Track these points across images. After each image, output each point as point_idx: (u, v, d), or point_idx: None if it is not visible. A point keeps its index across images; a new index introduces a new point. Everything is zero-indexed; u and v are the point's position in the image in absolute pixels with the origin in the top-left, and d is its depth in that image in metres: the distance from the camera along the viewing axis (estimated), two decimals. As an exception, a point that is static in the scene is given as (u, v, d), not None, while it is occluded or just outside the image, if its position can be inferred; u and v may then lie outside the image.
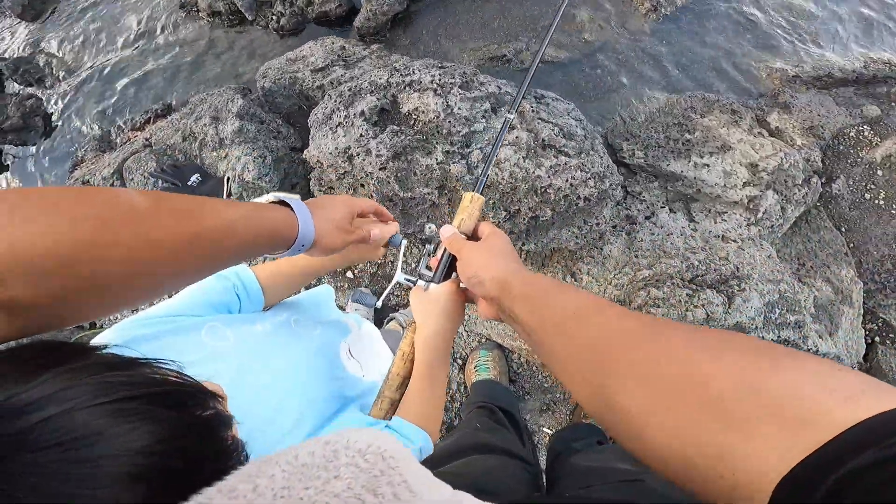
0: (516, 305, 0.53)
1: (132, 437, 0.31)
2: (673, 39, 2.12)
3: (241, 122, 1.78)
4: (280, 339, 0.73)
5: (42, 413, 0.29)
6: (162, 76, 2.32)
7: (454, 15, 2.15)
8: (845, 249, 1.92)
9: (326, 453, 0.28)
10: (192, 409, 0.36)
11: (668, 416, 0.31)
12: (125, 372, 0.34)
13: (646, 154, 1.81)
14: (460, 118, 1.51)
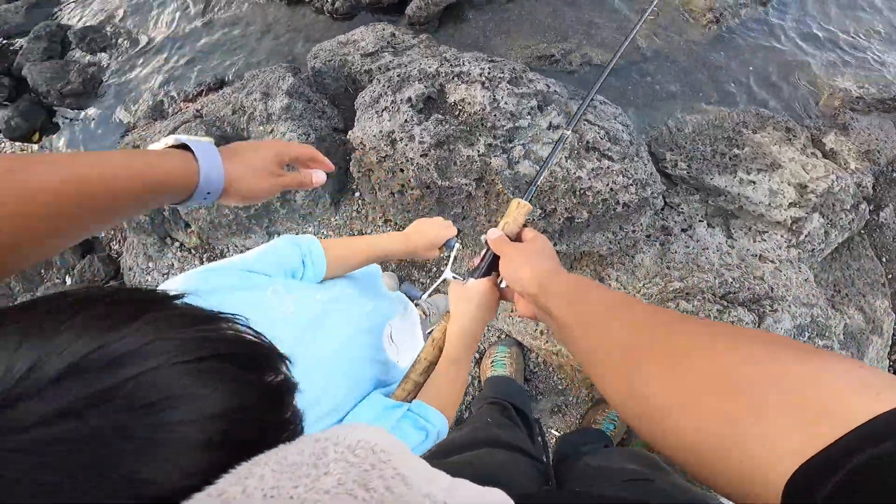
0: (552, 301, 0.55)
1: (211, 401, 0.30)
2: (732, 52, 2.07)
3: (289, 99, 1.82)
4: (335, 314, 0.74)
5: (131, 370, 0.28)
6: (218, 51, 2.39)
7: (506, 11, 2.14)
8: (883, 280, 1.85)
9: (316, 451, 0.27)
10: (266, 373, 0.35)
11: (691, 405, 0.32)
12: (207, 327, 0.34)
13: (689, 166, 1.78)
14: (506, 113, 1.52)
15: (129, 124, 2.34)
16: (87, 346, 0.28)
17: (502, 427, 1.29)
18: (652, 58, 2.00)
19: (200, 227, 1.98)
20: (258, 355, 0.35)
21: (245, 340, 0.35)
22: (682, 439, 0.32)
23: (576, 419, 1.77)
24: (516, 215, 0.73)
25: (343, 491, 0.25)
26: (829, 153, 1.85)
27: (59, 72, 2.41)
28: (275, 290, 0.67)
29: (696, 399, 0.32)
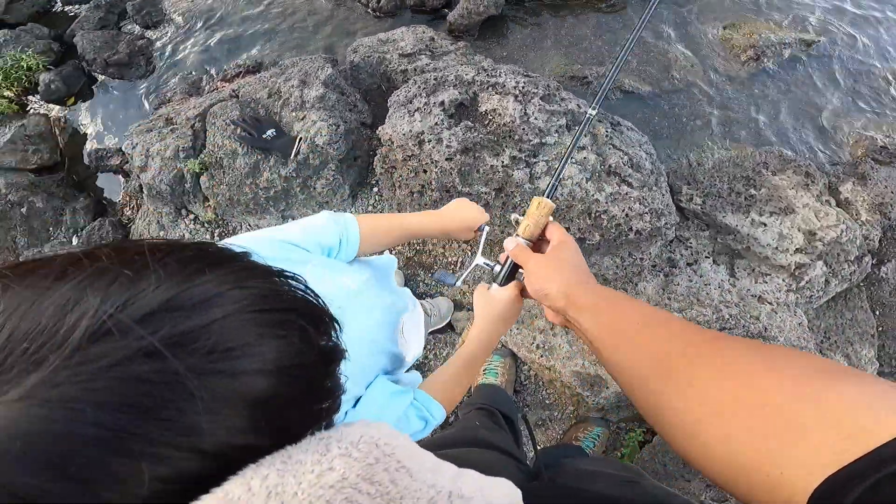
0: (582, 316, 0.55)
1: (273, 355, 0.30)
2: (765, 91, 2.09)
3: (325, 89, 1.87)
4: (361, 301, 0.75)
5: (212, 313, 0.29)
6: (261, 37, 2.45)
7: (545, 28, 2.19)
8: (873, 331, 1.89)
9: (319, 448, 0.28)
10: (322, 334, 0.36)
11: (724, 422, 0.33)
12: (280, 280, 0.34)
13: (704, 202, 1.82)
14: (535, 128, 1.56)
15: (165, 97, 2.40)
16: (173, 289, 0.29)
17: (490, 430, 1.31)
18: (684, 89, 2.03)
19: (218, 202, 2.02)
20: (319, 315, 0.36)
21: (308, 299, 0.36)
22: (714, 452, 0.33)
23: (558, 434, 1.80)
24: (537, 216, 0.69)
25: (347, 485, 0.25)
26: (844, 202, 1.89)
27: (108, 41, 2.47)
28: (313, 267, 0.69)
29: (731, 415, 0.33)
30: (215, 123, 1.92)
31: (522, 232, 0.69)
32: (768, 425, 0.30)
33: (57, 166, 2.38)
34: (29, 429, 0.24)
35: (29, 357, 0.25)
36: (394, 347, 0.81)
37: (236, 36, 2.48)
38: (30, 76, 2.49)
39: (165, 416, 0.27)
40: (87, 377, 0.25)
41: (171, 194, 2.04)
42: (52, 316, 0.26)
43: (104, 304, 0.27)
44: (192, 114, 2.00)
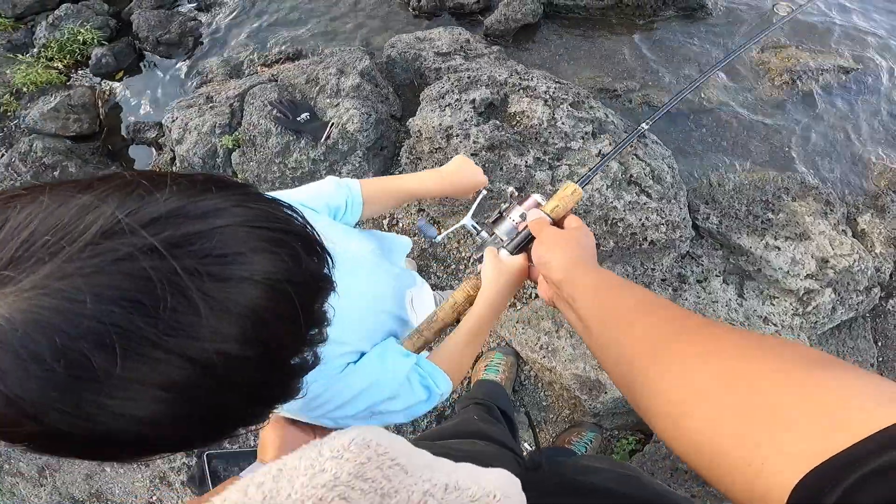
0: (577, 293, 0.54)
1: (271, 264, 0.33)
2: (795, 116, 2.09)
3: (361, 79, 1.94)
4: (367, 265, 0.78)
5: (213, 221, 0.32)
6: (304, 25, 2.54)
7: (579, 40, 2.25)
8: (873, 361, 1.89)
9: (311, 454, 0.29)
10: (315, 260, 0.39)
11: (712, 404, 0.32)
12: (278, 207, 0.38)
13: (720, 222, 1.85)
14: (561, 132, 1.61)
15: (207, 78, 2.50)
16: (181, 200, 0.32)
17: (486, 422, 1.33)
18: (713, 108, 2.05)
19: (246, 179, 2.09)
20: (312, 242, 0.39)
21: (304, 227, 0.40)
22: (697, 436, 0.32)
23: (551, 436, 1.80)
24: (567, 201, 0.70)
25: (340, 483, 0.26)
26: (860, 233, 1.90)
27: (162, 21, 2.58)
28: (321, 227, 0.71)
29: (716, 399, 0.32)
30: (253, 103, 2.00)
31: (549, 210, 0.71)
32: (754, 412, 0.29)
33: (94, 136, 2.48)
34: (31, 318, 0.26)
35: (48, 249, 0.27)
36: (402, 312, 0.81)
37: (281, 23, 2.57)
38: (83, 50, 2.60)
39: (158, 314, 0.28)
40: (93, 269, 0.28)
41: (202, 167, 2.12)
42: (73, 216, 0.29)
43: (119, 209, 0.30)
44: (232, 93, 2.08)
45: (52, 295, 0.27)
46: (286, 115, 1.95)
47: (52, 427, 0.28)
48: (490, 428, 1.24)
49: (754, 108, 2.09)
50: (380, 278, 0.80)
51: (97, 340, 0.27)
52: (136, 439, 0.31)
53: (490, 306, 0.73)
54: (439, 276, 2.04)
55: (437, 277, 2.04)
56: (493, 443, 1.06)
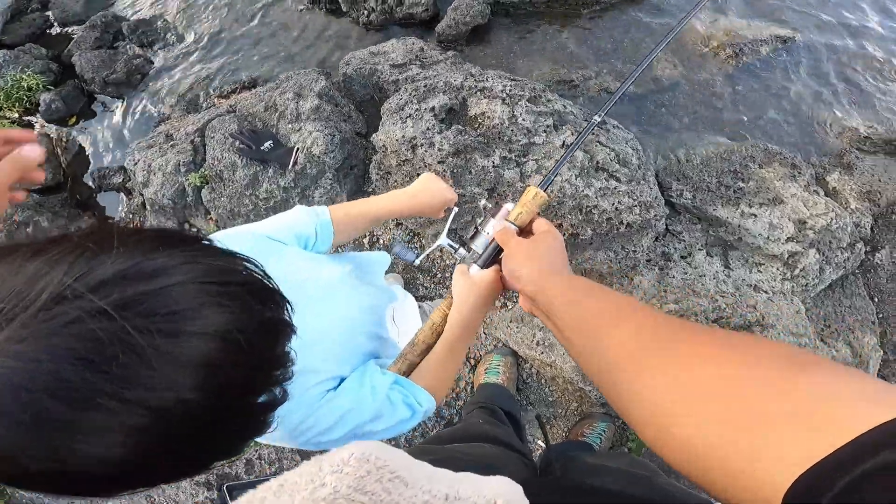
0: (551, 304, 0.54)
1: (221, 318, 0.35)
2: (747, 87, 2.14)
3: (319, 101, 1.93)
4: (342, 289, 0.78)
5: (160, 281, 0.34)
6: (256, 53, 2.53)
7: (531, 36, 2.26)
8: (873, 318, 1.89)
9: (311, 469, 0.29)
10: (272, 309, 0.40)
11: (697, 413, 0.32)
12: (229, 260, 0.39)
13: (694, 196, 1.86)
14: (522, 129, 1.61)
15: (164, 115, 2.47)
16: (128, 261, 0.34)
17: (491, 425, 1.32)
18: (669, 88, 2.08)
19: (219, 215, 2.06)
20: (265, 291, 0.41)
21: (256, 277, 0.41)
22: (686, 445, 0.32)
23: (563, 431, 1.79)
24: (531, 206, 0.69)
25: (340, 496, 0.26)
26: (832, 191, 1.92)
27: (106, 61, 2.54)
28: (290, 259, 0.72)
29: (702, 406, 0.32)
30: (214, 137, 1.98)
31: (514, 217, 0.70)
32: (740, 417, 0.29)
33: (60, 186, 2.44)
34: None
35: (4, 315, 0.30)
36: (380, 331, 0.82)
37: (231, 53, 2.56)
38: (31, 96, 2.54)
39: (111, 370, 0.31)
40: (46, 332, 0.30)
41: (173, 208, 2.09)
42: (25, 283, 0.31)
43: (67, 274, 0.32)
44: (192, 129, 2.06)
45: (12, 357, 0.30)
46: (249, 145, 1.93)
47: (29, 469, 0.31)
48: (494, 430, 1.23)
49: (707, 84, 2.13)
50: (355, 301, 0.80)
51: (55, 394, 0.30)
52: (108, 478, 0.33)
53: (462, 325, 0.73)
54: (427, 286, 2.03)
55: (425, 288, 2.02)
56: (499, 445, 1.06)
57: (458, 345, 0.75)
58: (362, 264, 0.96)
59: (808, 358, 0.31)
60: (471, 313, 0.73)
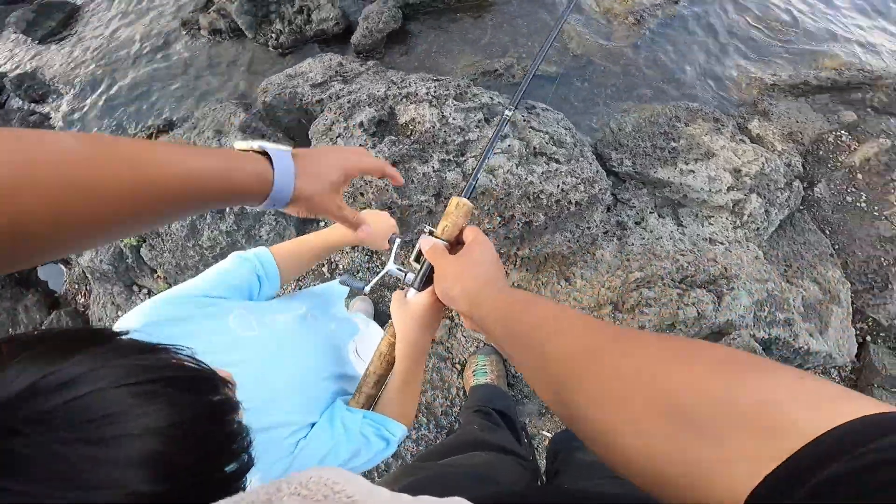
0: (487, 319, 0.52)
1: (151, 419, 0.33)
2: (657, 51, 2.21)
3: (243, 135, 1.84)
4: (301, 334, 0.76)
5: (74, 391, 0.31)
6: (164, 92, 2.39)
7: (447, 32, 2.24)
8: (830, 251, 1.98)
9: (270, 490, 0.28)
10: (206, 394, 0.39)
11: (640, 430, 0.31)
12: (148, 356, 0.37)
13: (634, 162, 1.89)
14: (455, 128, 1.58)
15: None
16: (37, 374, 0.31)
17: (488, 431, 1.31)
18: (587, 64, 2.12)
19: (167, 272, 1.95)
20: (197, 379, 0.39)
21: (184, 366, 0.39)
22: (634, 463, 0.31)
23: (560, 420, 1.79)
24: (455, 216, 0.67)
25: None
26: (756, 138, 2.00)
27: None
28: (239, 315, 0.68)
29: (644, 423, 0.31)
30: (137, 194, 1.85)
31: (441, 232, 0.67)
32: (684, 432, 0.28)
33: (-3, 265, 2.25)
34: None
35: None
36: (346, 369, 0.82)
37: (139, 97, 2.41)
38: None
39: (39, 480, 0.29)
40: None
41: (115, 273, 1.97)
42: None
43: None
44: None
45: None
46: (177, 195, 1.82)
47: None
48: (489, 436, 1.22)
49: (620, 53, 2.19)
50: (314, 346, 0.78)
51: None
52: None
53: (409, 355, 0.71)
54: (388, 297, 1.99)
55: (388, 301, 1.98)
56: (493, 450, 1.06)
57: (411, 374, 0.74)
58: (319, 300, 0.94)
59: (740, 358, 0.31)
60: (415, 341, 0.71)
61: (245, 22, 2.33)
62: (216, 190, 0.46)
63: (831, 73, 2.20)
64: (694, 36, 2.27)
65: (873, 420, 0.22)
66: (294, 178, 0.52)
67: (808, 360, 1.76)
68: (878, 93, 2.20)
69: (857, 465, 0.20)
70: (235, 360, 0.63)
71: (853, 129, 2.15)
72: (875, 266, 1.97)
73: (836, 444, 0.22)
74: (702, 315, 1.60)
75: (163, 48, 2.50)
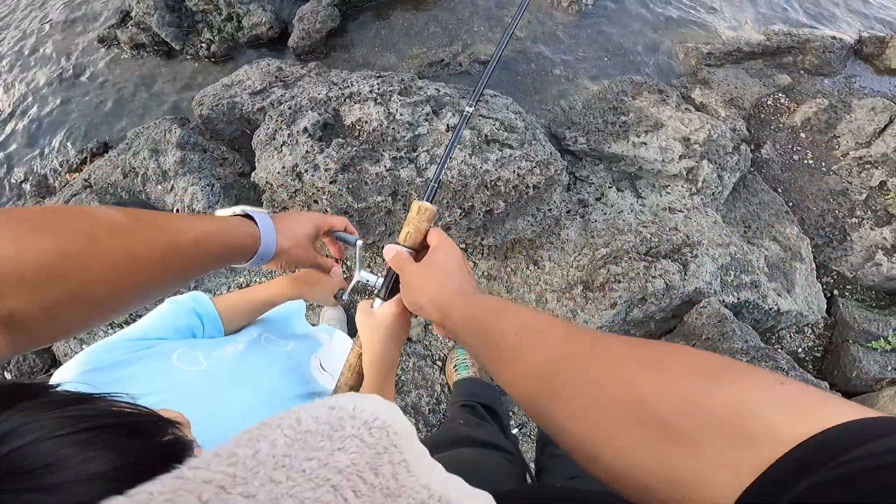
0: (459, 328, 0.51)
1: (94, 465, 0.32)
2: (597, 28, 2.23)
3: (182, 152, 1.74)
4: (253, 360, 0.73)
5: (8, 445, 0.30)
6: (92, 114, 2.24)
7: (389, 26, 2.18)
8: (785, 209, 2.04)
9: (332, 420, 0.27)
10: (151, 437, 0.38)
11: (618, 439, 0.31)
12: (83, 406, 0.36)
13: (587, 139, 1.89)
14: (403, 124, 1.53)
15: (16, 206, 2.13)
16: None
17: (471, 426, 1.29)
18: (531, 46, 2.11)
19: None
20: (138, 423, 0.38)
21: (122, 412, 0.38)
22: (615, 474, 0.31)
23: None
24: (417, 222, 0.65)
25: (355, 472, 0.24)
26: (700, 106, 2.04)
27: None
28: (182, 353, 0.66)
29: (620, 434, 0.30)
30: (73, 227, 1.73)
31: (403, 239, 0.65)
32: (660, 441, 0.28)
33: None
34: None
35: None
36: (311, 387, 0.79)
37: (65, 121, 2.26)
38: None
39: None
40: None
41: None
42: None
43: None
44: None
45: None
46: (118, 224, 1.71)
47: None
48: (475, 431, 1.20)
49: (561, 34, 2.21)
50: (271, 370, 0.75)
51: None
52: None
53: (377, 366, 0.68)
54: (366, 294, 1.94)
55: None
56: (479, 446, 1.04)
57: (381, 386, 0.71)
58: (272, 323, 0.90)
59: (713, 363, 0.30)
60: (382, 353, 0.68)
61: (170, 34, 2.21)
62: (219, 249, 0.52)
63: (761, 39, 2.26)
64: (629, 12, 2.30)
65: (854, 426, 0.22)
66: (276, 236, 0.59)
67: (780, 320, 1.81)
68: (808, 55, 2.28)
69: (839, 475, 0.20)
70: (184, 397, 0.60)
71: (789, 91, 2.22)
72: (831, 219, 2.05)
73: (817, 452, 0.21)
74: (670, 286, 1.62)
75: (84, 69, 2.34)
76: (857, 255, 1.94)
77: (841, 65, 2.31)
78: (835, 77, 2.27)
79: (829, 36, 2.30)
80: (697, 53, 2.20)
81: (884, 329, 1.76)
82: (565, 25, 2.20)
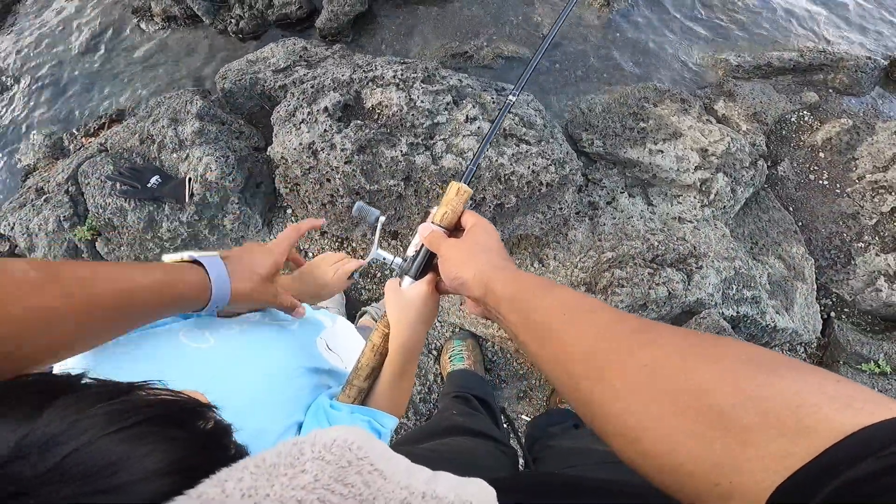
0: (502, 306, 0.50)
1: (151, 461, 0.32)
2: (626, 33, 2.22)
3: (201, 122, 1.75)
4: (259, 338, 0.72)
5: (65, 448, 0.30)
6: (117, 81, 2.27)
7: (415, 14, 2.19)
8: (794, 228, 2.03)
9: (293, 452, 0.28)
10: (197, 424, 0.37)
11: (665, 426, 0.31)
12: (125, 398, 0.36)
13: (604, 143, 1.89)
14: (423, 111, 1.54)
15: (29, 166, 2.16)
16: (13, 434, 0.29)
17: (466, 416, 1.30)
18: (557, 44, 2.11)
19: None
20: (180, 411, 0.38)
21: (164, 401, 0.37)
22: (657, 461, 0.31)
23: (542, 401, 1.80)
24: (455, 203, 0.65)
25: (320, 486, 0.25)
26: (722, 118, 2.03)
27: None
28: (188, 331, 0.65)
29: (670, 420, 0.30)
30: (89, 183, 1.75)
31: (440, 219, 0.64)
32: (712, 429, 0.28)
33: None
34: None
35: None
36: (320, 363, 0.79)
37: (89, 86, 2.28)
38: None
39: None
40: None
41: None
42: None
43: None
44: (62, 178, 1.81)
45: None
46: (133, 185, 1.73)
47: None
48: (468, 421, 1.21)
49: (589, 36, 2.20)
50: (280, 344, 0.75)
51: None
52: None
53: (405, 348, 0.68)
54: (370, 290, 1.96)
55: (369, 292, 1.95)
56: (473, 436, 1.05)
57: (406, 367, 0.71)
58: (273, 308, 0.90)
59: (769, 357, 0.30)
60: (411, 334, 0.67)
61: (202, 7, 2.22)
62: (159, 301, 0.51)
63: (794, 55, 2.25)
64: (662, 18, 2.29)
65: None
66: (229, 280, 0.57)
67: (774, 337, 1.81)
68: (840, 74, 2.26)
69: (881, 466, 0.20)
70: (196, 374, 0.60)
71: (815, 109, 2.20)
72: (837, 242, 2.03)
73: (862, 444, 0.22)
74: (672, 294, 1.62)
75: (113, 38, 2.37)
76: (860, 279, 1.93)
77: (871, 86, 2.28)
78: (863, 97, 2.25)
79: (864, 56, 2.27)
80: (726, 65, 2.19)
81: (875, 353, 1.75)
82: (594, 27, 2.20)
